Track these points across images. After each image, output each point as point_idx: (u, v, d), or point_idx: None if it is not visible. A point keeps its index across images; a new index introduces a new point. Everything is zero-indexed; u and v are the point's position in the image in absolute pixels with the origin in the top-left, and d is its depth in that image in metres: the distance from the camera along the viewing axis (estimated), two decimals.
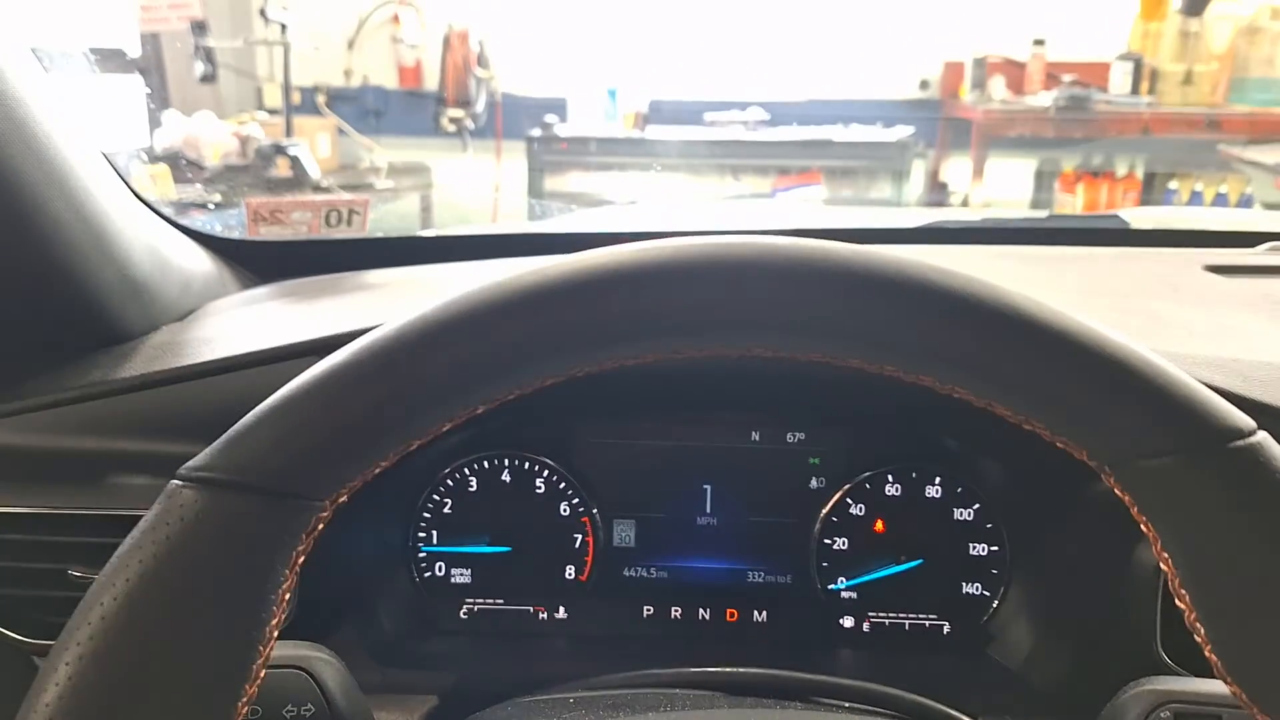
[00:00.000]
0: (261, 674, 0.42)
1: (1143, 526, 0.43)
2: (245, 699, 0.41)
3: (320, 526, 0.44)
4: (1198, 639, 0.42)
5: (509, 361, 0.44)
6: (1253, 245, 1.38)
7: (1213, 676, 0.42)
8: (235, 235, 1.23)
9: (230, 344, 0.91)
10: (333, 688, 0.65)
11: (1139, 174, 5.20)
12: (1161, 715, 0.64)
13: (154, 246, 1.00)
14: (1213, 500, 0.40)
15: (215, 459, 0.42)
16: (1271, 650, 0.40)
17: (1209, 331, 0.97)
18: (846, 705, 0.71)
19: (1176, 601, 0.42)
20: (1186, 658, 0.80)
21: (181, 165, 3.95)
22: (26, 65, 0.83)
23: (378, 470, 0.45)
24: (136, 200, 1.03)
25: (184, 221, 1.15)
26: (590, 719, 0.66)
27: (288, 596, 0.43)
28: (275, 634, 0.43)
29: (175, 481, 0.42)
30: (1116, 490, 0.43)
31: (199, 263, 1.14)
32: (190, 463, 0.42)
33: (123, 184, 0.99)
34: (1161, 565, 0.43)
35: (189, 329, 0.99)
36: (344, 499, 0.45)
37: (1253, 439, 0.41)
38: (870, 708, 0.71)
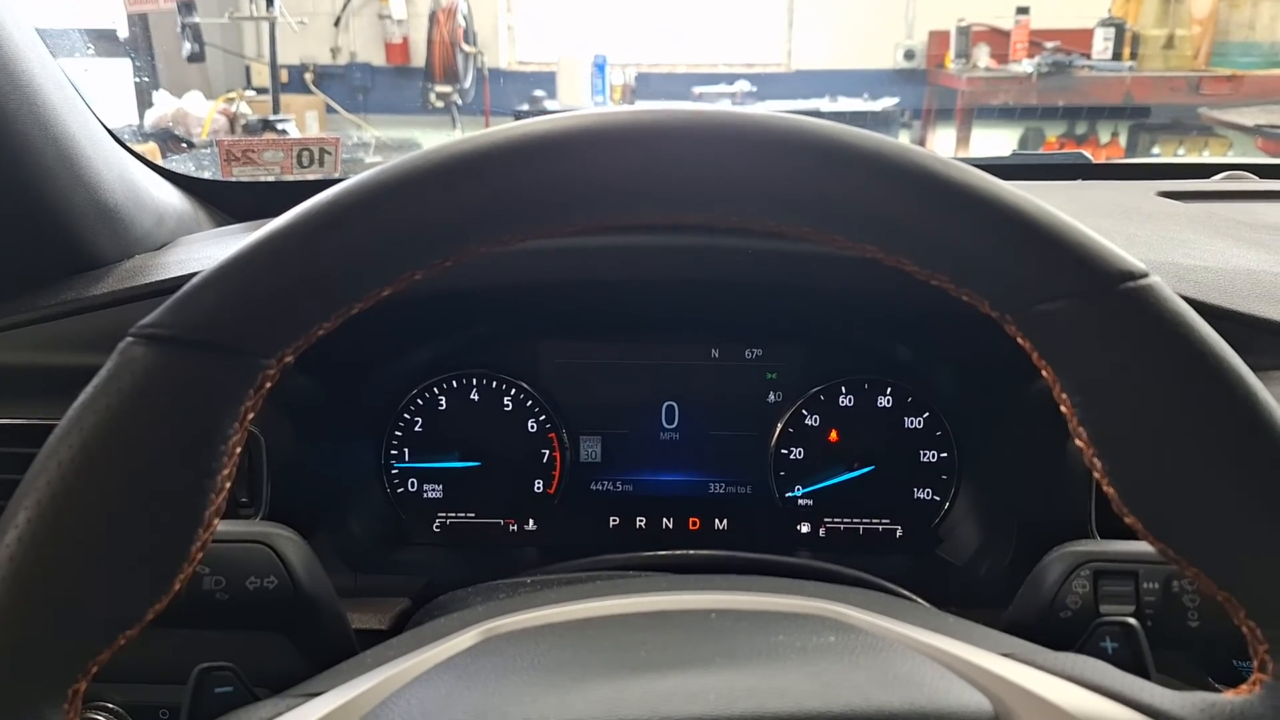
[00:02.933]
0: (216, 521, 0.45)
1: (1044, 372, 0.45)
2: (200, 544, 0.44)
3: (268, 385, 0.46)
4: (1096, 475, 0.44)
5: (441, 227, 0.45)
6: (1209, 176, 1.41)
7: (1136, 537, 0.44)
8: (209, 175, 1.26)
9: (204, 265, 0.94)
10: (294, 562, 0.68)
11: (1122, 141, 5.21)
12: (1082, 574, 0.67)
13: (127, 178, 1.03)
14: (1106, 339, 0.42)
15: (166, 316, 0.44)
16: (1161, 478, 0.42)
17: (1152, 241, 1.00)
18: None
19: (1076, 441, 0.44)
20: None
21: (171, 142, 3.96)
22: None
23: (320, 332, 0.47)
24: (108, 134, 1.06)
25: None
26: (545, 595, 0.69)
27: (238, 450, 0.45)
28: (228, 484, 0.45)
29: (128, 338, 0.44)
30: (1019, 339, 0.45)
31: (173, 200, 1.16)
32: (142, 320, 0.44)
33: (94, 117, 1.02)
34: (1062, 409, 0.45)
35: (162, 256, 1.01)
36: (290, 359, 0.47)
37: (1144, 281, 0.42)
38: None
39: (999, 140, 5.36)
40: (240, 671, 0.54)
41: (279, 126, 4.24)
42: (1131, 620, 0.57)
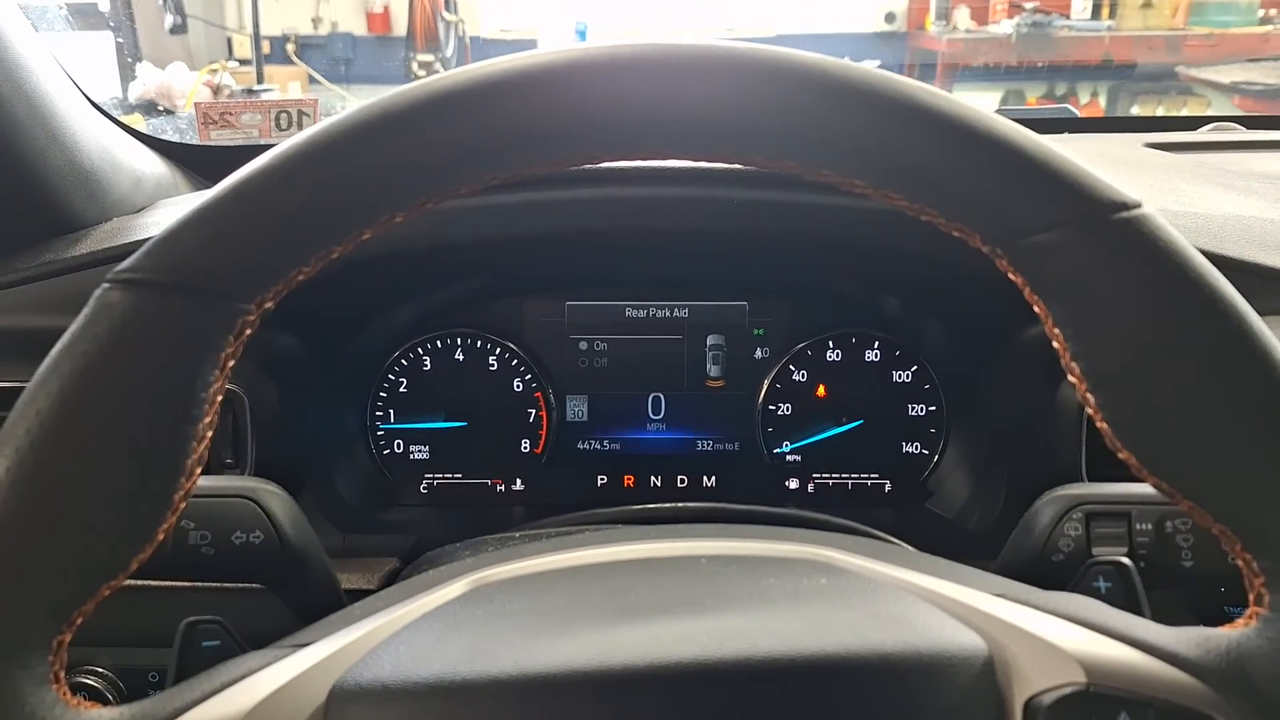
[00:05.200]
0: (198, 471, 0.44)
1: (1035, 308, 0.44)
2: (182, 493, 0.43)
3: (248, 331, 0.45)
4: (1089, 410, 0.44)
5: (423, 166, 0.44)
6: (1195, 129, 1.41)
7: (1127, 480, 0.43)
8: (188, 140, 1.24)
9: None
10: (280, 517, 0.67)
11: (1102, 101, 5.22)
12: (1074, 517, 0.67)
13: (103, 140, 1.01)
14: (1098, 270, 0.42)
15: (143, 261, 0.43)
16: (1155, 411, 0.42)
17: (1140, 189, 0.99)
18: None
19: (1069, 377, 0.44)
20: None
21: (156, 114, 3.92)
22: None
23: (300, 277, 0.46)
24: (85, 99, 1.04)
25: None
26: (534, 546, 0.69)
27: (219, 399, 0.44)
28: (209, 433, 0.44)
29: (105, 284, 0.43)
30: (1010, 274, 0.45)
31: (151, 164, 1.15)
32: (119, 266, 0.43)
33: (70, 82, 1.00)
34: (1054, 344, 0.44)
35: (140, 218, 1.00)
36: (270, 305, 0.46)
37: (1136, 211, 0.42)
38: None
39: (980, 102, 5.33)
40: (228, 625, 0.53)
41: (264, 97, 4.19)
42: (1124, 559, 0.57)
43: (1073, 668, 0.43)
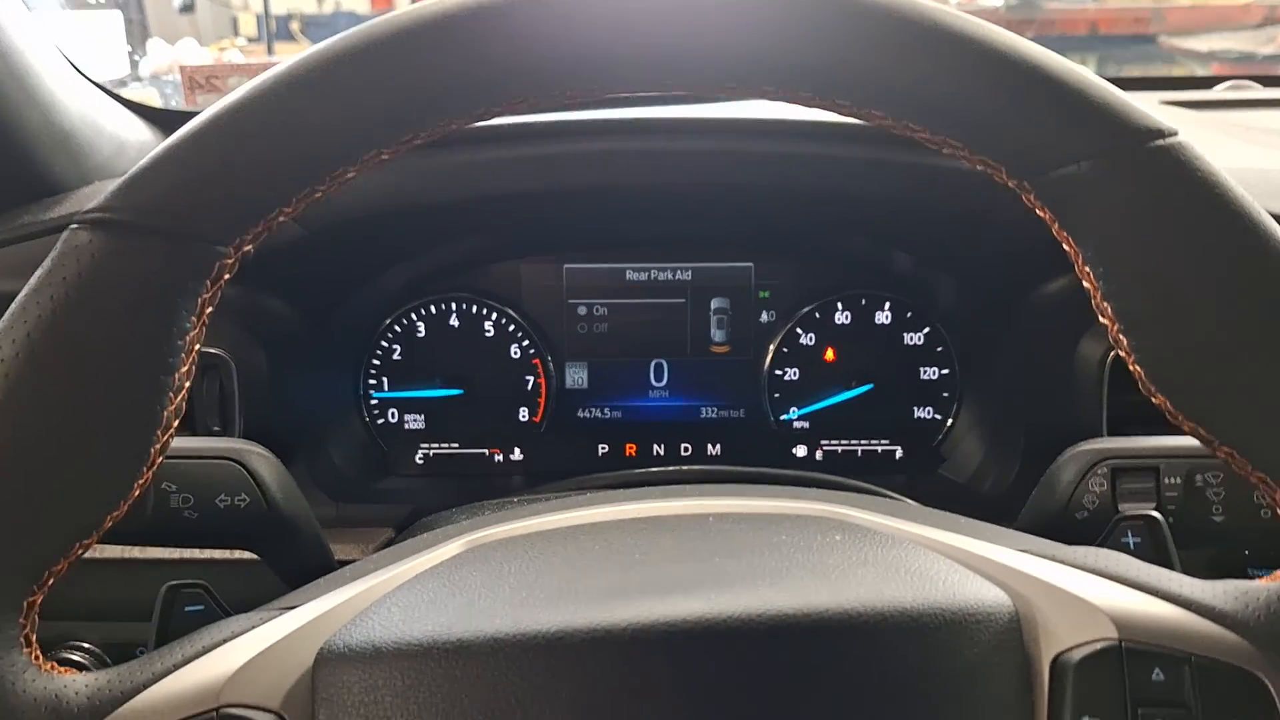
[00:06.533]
0: (175, 424, 0.41)
1: (1065, 246, 0.41)
2: (159, 446, 0.41)
3: (226, 276, 0.42)
4: (1121, 354, 0.41)
5: (409, 97, 0.41)
6: (1210, 88, 1.37)
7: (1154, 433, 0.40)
8: (173, 106, 1.21)
9: None
10: (267, 479, 0.64)
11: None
12: (1099, 472, 0.64)
13: (85, 104, 0.98)
14: (1132, 202, 0.39)
15: (112, 200, 0.40)
16: (1193, 352, 0.39)
17: None
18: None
19: (1100, 319, 0.41)
20: None
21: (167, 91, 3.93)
22: None
23: (281, 219, 0.43)
24: (67, 62, 1.01)
25: None
26: (531, 508, 0.66)
27: (196, 347, 0.42)
28: (187, 384, 0.41)
29: (72, 225, 0.40)
30: (1038, 210, 0.42)
31: (136, 129, 1.11)
32: (88, 205, 0.40)
33: (49, 43, 0.97)
34: (1084, 283, 0.41)
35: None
36: (249, 248, 0.43)
37: (1172, 139, 0.39)
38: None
39: None
40: (211, 589, 0.50)
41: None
42: (1154, 512, 0.54)
43: (1103, 623, 0.40)
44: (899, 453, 0.99)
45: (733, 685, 0.39)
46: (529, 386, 1.00)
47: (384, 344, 0.99)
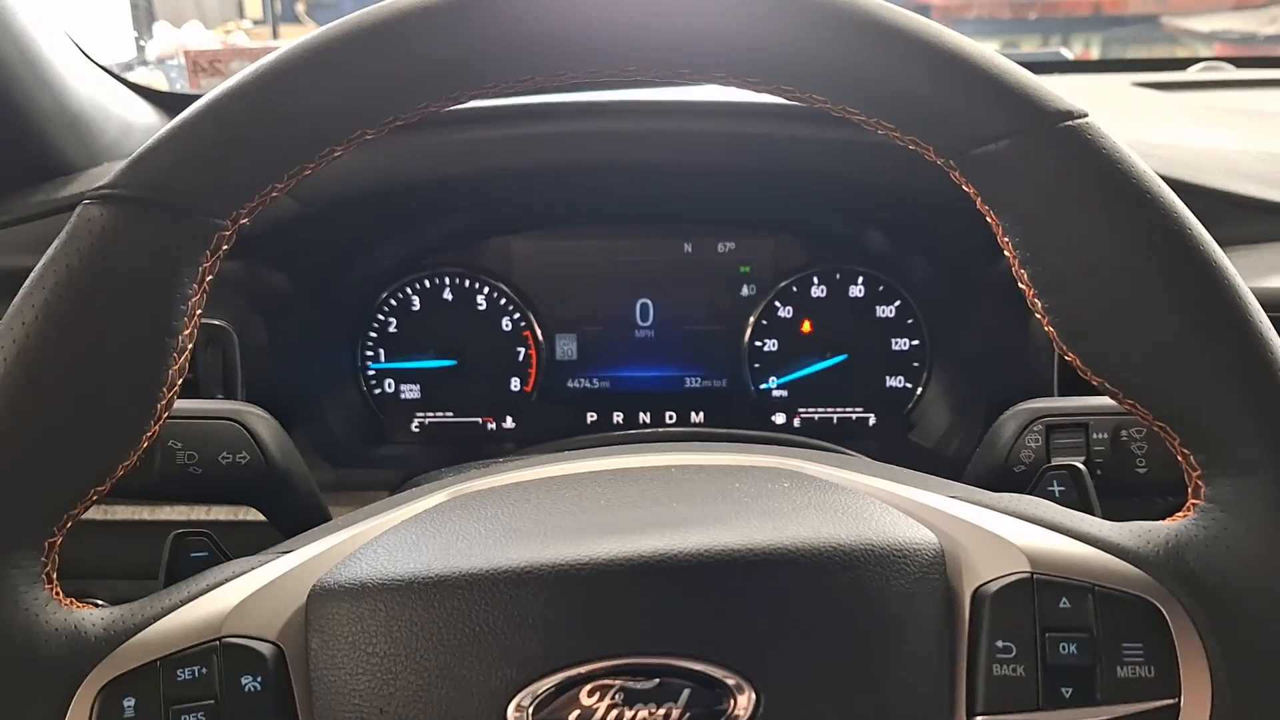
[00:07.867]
0: (179, 381, 0.45)
1: (988, 218, 0.46)
2: (165, 401, 0.45)
3: (225, 247, 0.46)
4: (1038, 315, 0.45)
5: (395, 81, 0.45)
6: (1184, 69, 1.41)
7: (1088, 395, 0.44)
8: (178, 89, 1.25)
9: None
10: (265, 438, 0.69)
11: (1095, 52, 5.24)
12: (1035, 429, 0.69)
13: (93, 86, 1.02)
14: (1043, 177, 0.43)
15: (120, 178, 0.44)
16: (1098, 312, 0.43)
17: (1124, 124, 1.01)
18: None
19: (1019, 284, 0.45)
20: None
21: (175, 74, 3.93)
22: None
23: (274, 194, 0.47)
24: (73, 44, 1.04)
25: None
26: (514, 463, 0.70)
27: (198, 312, 0.46)
28: (190, 345, 0.46)
29: (85, 200, 0.44)
30: (964, 186, 0.46)
31: (142, 112, 1.15)
32: (98, 183, 0.45)
33: (58, 27, 1.00)
34: (1005, 253, 0.46)
35: None
36: (245, 220, 0.47)
37: (1080, 120, 0.43)
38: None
39: None
40: (215, 537, 0.55)
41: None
42: (1077, 463, 0.58)
43: (1018, 558, 0.44)
44: (872, 420, 1.04)
45: (684, 614, 0.43)
46: (520, 358, 1.05)
47: (380, 316, 1.04)
